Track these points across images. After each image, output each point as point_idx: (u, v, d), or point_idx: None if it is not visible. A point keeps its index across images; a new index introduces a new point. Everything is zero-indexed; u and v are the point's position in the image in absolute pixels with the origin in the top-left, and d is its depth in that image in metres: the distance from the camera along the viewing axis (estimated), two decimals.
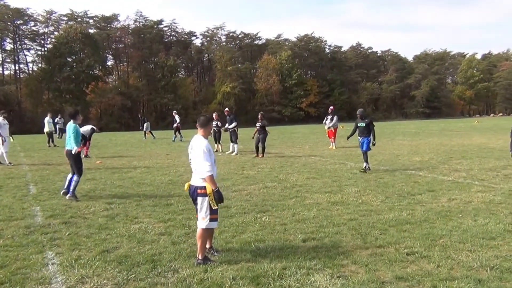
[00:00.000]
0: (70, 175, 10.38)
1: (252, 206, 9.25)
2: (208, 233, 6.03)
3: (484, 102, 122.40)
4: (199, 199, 5.86)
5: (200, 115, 6.32)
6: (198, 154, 5.84)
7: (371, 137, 14.17)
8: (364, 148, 14.18)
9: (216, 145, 21.51)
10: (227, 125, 21.21)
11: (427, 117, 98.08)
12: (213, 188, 5.79)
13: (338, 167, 14.86)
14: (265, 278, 5.30)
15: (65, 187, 10.37)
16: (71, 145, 10.24)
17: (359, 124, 14.41)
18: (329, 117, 23.48)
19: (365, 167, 14.04)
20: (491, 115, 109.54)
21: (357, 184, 11.77)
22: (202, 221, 5.86)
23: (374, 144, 14.31)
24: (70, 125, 10.39)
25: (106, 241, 6.89)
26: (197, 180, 5.91)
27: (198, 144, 5.92)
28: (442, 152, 19.41)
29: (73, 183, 10.12)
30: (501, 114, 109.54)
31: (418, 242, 6.55)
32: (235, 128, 20.80)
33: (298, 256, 6.05)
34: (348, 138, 15.77)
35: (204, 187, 5.82)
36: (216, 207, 5.86)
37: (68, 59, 76.65)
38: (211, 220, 5.87)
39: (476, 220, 7.72)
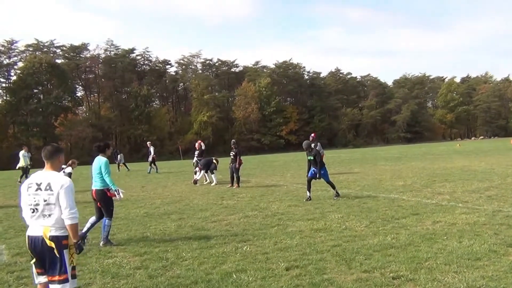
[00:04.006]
0: (93, 218, 9.18)
1: (233, 235, 9.00)
2: None
3: (465, 126, 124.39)
4: (64, 252, 4.56)
5: (47, 145, 4.94)
6: (63, 196, 4.52)
7: (318, 165, 13.66)
8: (326, 179, 13.92)
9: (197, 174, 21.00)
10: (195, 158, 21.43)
11: (408, 141, 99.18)
12: (76, 240, 4.65)
13: (321, 194, 14.68)
14: None
15: (84, 230, 8.94)
16: (100, 184, 9.00)
17: (308, 158, 14.13)
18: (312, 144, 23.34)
19: (336, 193, 13.83)
20: (472, 138, 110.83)
21: (340, 210, 11.59)
22: (70, 281, 4.58)
23: (314, 171, 13.73)
24: (101, 160, 9.05)
25: (78, 278, 6.51)
26: (51, 229, 4.54)
27: (58, 183, 4.56)
28: (425, 176, 19.38)
29: (106, 228, 8.82)
30: (482, 137, 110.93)
31: (404, 265, 6.41)
32: (214, 159, 20.53)
33: (281, 285, 5.88)
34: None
35: (67, 237, 4.61)
36: (76, 264, 4.78)
37: (34, 90, 74.76)
38: (74, 277, 4.69)
39: (461, 242, 7.61)
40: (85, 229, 9.06)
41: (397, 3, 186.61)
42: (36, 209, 4.56)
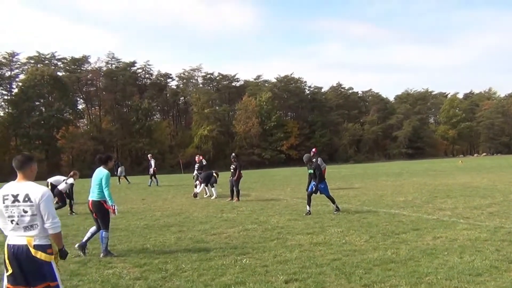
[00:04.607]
0: (94, 228, 9.15)
1: (232, 248, 8.98)
2: None
3: (468, 142, 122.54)
4: (53, 263, 4.45)
5: (18, 155, 4.77)
6: (44, 207, 4.37)
7: (318, 179, 13.74)
8: (326, 194, 14.03)
9: (197, 188, 20.91)
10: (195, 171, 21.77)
11: (410, 157, 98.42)
12: (60, 247, 4.60)
13: (321, 209, 14.63)
14: None
15: (85, 240, 9.01)
16: (97, 195, 8.98)
17: (309, 171, 14.17)
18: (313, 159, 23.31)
19: (336, 207, 13.83)
20: (475, 155, 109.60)
21: (340, 224, 11.55)
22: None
23: (315, 185, 13.79)
24: (102, 173, 9.01)
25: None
26: (35, 238, 4.39)
27: (37, 194, 4.39)
28: (426, 192, 19.31)
29: (104, 240, 8.75)
30: (484, 154, 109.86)
31: (404, 280, 6.37)
32: (215, 172, 20.50)
33: None
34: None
35: (51, 246, 4.50)
36: (59, 273, 4.61)
37: (36, 103, 74.36)
38: None
39: (462, 257, 7.57)
40: (85, 239, 9.05)
41: (399, 19, 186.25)
42: (16, 221, 4.38)
